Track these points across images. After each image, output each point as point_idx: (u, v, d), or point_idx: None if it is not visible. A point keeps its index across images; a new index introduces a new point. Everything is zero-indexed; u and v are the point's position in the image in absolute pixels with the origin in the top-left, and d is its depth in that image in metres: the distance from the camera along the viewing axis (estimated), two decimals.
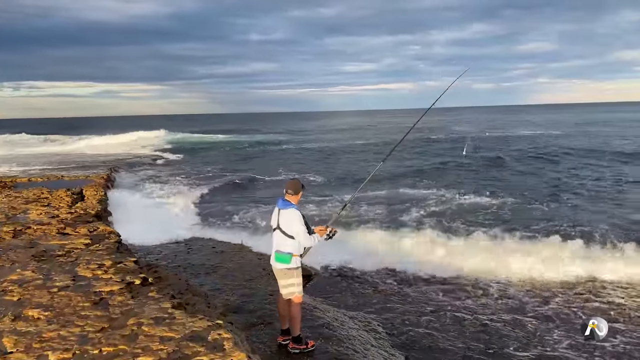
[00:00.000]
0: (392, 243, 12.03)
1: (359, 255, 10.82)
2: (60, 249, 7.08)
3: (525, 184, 21.24)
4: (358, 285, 9.41)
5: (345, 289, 9.08)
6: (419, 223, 14.02)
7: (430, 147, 39.04)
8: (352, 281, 9.62)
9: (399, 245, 11.86)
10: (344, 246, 11.01)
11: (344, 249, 10.90)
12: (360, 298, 8.64)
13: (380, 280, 9.80)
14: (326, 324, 6.69)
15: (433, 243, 11.91)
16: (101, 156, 32.48)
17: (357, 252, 10.93)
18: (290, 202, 5.60)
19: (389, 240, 12.28)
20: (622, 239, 11.77)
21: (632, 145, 34.45)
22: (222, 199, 17.96)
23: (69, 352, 4.01)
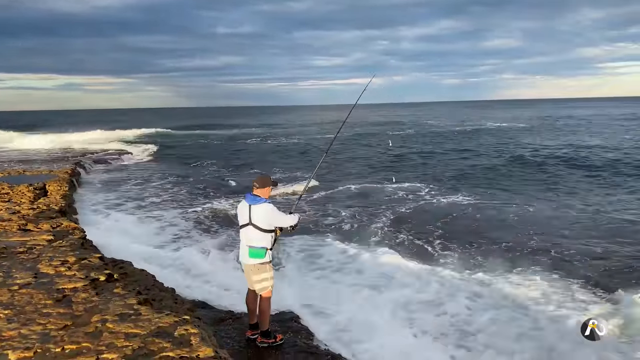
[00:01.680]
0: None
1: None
2: (22, 246, 6.89)
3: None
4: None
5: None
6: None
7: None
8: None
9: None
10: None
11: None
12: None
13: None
14: (294, 317, 6.71)
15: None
16: (67, 151, 31.53)
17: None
18: (259, 196, 5.56)
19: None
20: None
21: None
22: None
23: (30, 350, 3.92)
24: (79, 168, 21.29)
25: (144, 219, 13.26)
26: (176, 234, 11.82)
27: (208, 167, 25.80)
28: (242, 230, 5.57)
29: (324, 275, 8.96)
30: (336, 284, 8.49)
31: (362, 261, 9.65)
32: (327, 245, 10.68)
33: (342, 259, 9.85)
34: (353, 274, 8.99)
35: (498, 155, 28.07)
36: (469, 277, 8.94)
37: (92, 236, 8.21)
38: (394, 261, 9.61)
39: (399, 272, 9.01)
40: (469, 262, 9.88)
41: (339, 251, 10.31)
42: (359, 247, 10.65)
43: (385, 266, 9.34)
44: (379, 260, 9.70)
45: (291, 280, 8.43)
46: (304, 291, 7.95)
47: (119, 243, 9.86)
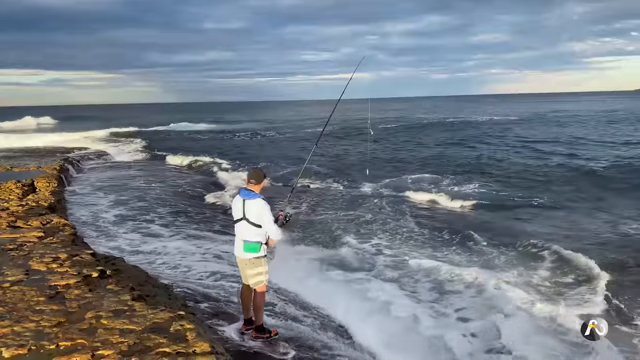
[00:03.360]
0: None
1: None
2: (12, 243, 6.81)
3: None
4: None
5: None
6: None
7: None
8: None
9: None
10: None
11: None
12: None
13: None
14: (289, 312, 6.72)
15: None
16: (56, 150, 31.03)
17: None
18: (253, 191, 5.55)
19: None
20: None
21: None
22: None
23: (24, 348, 3.88)
24: (68, 165, 21.01)
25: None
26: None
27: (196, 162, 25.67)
28: (237, 225, 5.56)
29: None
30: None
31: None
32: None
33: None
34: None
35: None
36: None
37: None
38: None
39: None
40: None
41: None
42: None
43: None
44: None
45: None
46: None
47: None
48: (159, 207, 14.06)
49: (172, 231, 11.48)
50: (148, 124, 61.94)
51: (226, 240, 10.34)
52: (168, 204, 14.61)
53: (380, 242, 11.17)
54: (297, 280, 8.27)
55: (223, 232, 11.40)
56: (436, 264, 9.54)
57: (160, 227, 11.83)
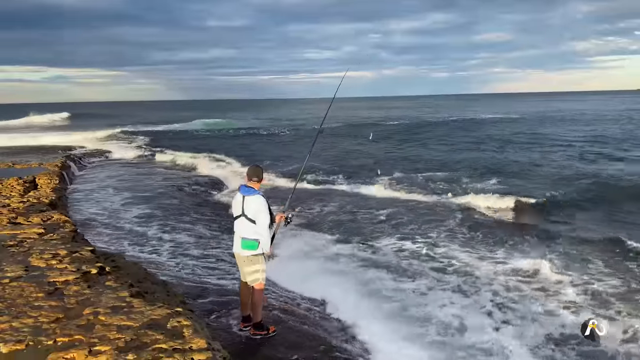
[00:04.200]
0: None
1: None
2: (12, 239, 6.84)
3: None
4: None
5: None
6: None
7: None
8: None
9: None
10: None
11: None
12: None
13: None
14: (288, 309, 6.74)
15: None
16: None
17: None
18: (253, 188, 5.58)
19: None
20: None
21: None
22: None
23: (21, 343, 3.90)
24: (70, 162, 21.02)
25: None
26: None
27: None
28: (236, 222, 5.61)
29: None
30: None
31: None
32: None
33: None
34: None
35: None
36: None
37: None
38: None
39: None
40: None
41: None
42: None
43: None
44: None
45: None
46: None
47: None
48: (161, 204, 14.11)
49: (173, 228, 11.52)
50: (157, 121, 62.04)
51: (227, 238, 10.37)
52: (171, 201, 14.66)
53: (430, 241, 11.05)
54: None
55: (224, 230, 11.42)
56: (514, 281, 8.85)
57: (162, 224, 11.87)
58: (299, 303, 7.33)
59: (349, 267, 9.22)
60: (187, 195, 16.08)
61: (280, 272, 8.41)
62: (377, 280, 8.56)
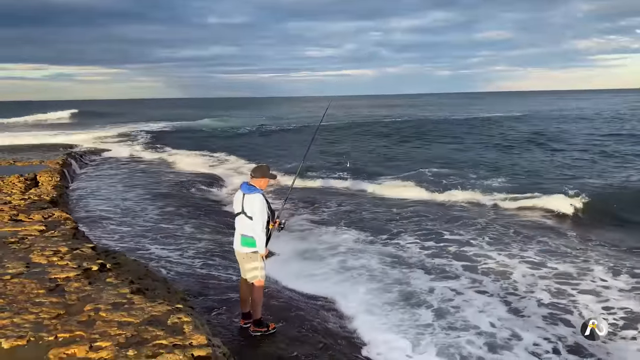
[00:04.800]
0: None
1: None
2: (13, 236, 6.87)
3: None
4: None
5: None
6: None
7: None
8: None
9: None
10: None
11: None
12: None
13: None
14: (288, 306, 6.76)
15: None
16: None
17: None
18: (254, 186, 5.61)
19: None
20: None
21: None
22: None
23: (23, 339, 3.93)
24: (71, 159, 21.01)
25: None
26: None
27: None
28: (236, 219, 5.65)
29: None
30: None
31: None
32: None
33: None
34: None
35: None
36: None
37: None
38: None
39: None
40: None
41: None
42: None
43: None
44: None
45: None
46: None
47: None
48: (162, 202, 14.13)
49: (175, 225, 11.54)
50: (162, 119, 61.88)
51: (228, 235, 10.37)
52: (174, 198, 14.68)
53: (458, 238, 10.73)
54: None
55: (225, 227, 11.43)
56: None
57: (163, 221, 11.90)
58: (301, 301, 7.34)
59: (368, 264, 9.05)
60: (191, 193, 16.11)
61: (284, 270, 8.46)
62: (400, 278, 8.32)
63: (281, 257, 9.39)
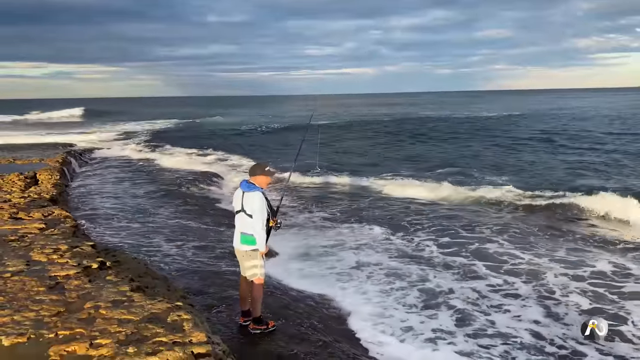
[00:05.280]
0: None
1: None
2: (13, 234, 6.89)
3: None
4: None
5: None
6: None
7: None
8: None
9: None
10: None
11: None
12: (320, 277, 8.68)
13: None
14: (287, 304, 6.77)
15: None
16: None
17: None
18: (254, 184, 5.60)
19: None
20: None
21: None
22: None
23: (23, 336, 3.95)
24: (70, 157, 21.01)
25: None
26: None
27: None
28: (236, 217, 5.65)
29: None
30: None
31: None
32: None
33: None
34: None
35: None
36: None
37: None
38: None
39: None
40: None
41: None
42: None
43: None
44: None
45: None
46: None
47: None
48: (162, 200, 14.15)
49: (175, 223, 11.55)
50: (163, 117, 61.79)
51: (228, 233, 10.39)
52: (172, 197, 14.68)
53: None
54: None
55: (225, 225, 11.44)
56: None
57: (163, 219, 11.90)
58: (301, 299, 7.35)
59: (372, 262, 9.00)
60: (191, 190, 16.10)
61: (284, 268, 8.47)
62: (409, 276, 8.18)
63: (282, 255, 9.41)
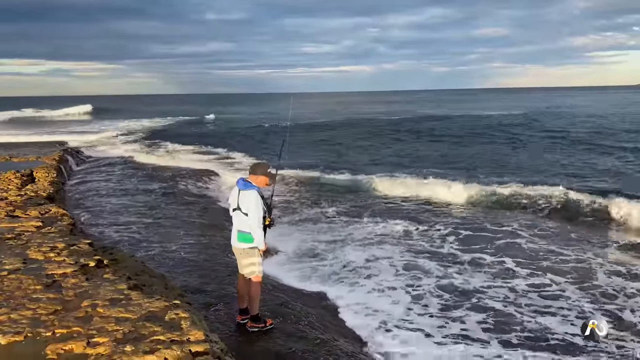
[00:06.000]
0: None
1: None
2: (10, 232, 6.87)
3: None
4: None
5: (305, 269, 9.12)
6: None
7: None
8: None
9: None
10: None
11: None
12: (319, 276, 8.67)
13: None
14: (284, 302, 6.76)
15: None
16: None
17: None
18: (250, 183, 5.59)
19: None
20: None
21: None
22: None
23: (20, 335, 3.93)
24: (67, 155, 20.92)
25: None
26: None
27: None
28: (233, 215, 5.65)
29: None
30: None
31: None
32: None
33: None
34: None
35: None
36: None
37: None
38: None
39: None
40: None
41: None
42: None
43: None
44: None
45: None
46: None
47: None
48: (160, 198, 14.09)
49: (173, 221, 11.52)
50: (164, 114, 61.57)
51: (225, 231, 10.37)
52: (170, 195, 14.63)
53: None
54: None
55: (222, 223, 11.42)
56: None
57: (161, 217, 11.87)
58: (298, 297, 7.34)
59: (375, 259, 8.97)
60: (189, 188, 16.04)
61: (283, 266, 8.46)
62: (412, 276, 8.05)
63: (279, 252, 9.40)
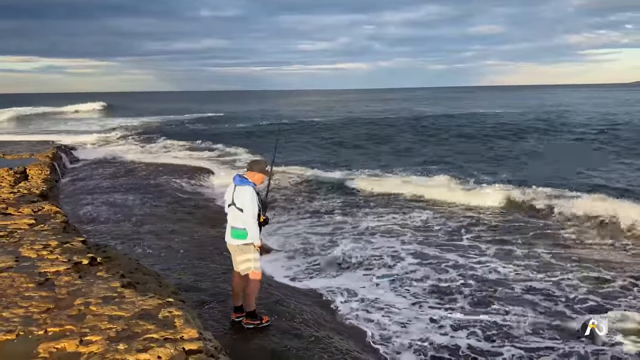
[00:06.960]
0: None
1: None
2: (2, 230, 6.81)
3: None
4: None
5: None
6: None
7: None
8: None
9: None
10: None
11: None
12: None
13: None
14: (280, 300, 6.75)
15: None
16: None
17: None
18: (247, 179, 5.58)
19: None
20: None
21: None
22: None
23: (12, 333, 3.89)
24: (61, 152, 20.80)
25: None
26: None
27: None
28: (227, 211, 5.64)
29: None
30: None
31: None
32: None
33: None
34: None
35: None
36: None
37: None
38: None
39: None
40: None
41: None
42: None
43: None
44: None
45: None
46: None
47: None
48: (154, 196, 14.07)
49: (168, 218, 11.51)
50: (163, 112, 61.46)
51: (220, 228, 10.34)
52: (165, 193, 14.61)
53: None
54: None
55: (217, 221, 11.39)
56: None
57: (156, 215, 11.85)
58: (294, 295, 7.33)
59: (372, 257, 9.02)
60: (183, 186, 16.02)
61: (278, 264, 8.45)
62: (405, 272, 8.18)
63: (274, 251, 9.39)
